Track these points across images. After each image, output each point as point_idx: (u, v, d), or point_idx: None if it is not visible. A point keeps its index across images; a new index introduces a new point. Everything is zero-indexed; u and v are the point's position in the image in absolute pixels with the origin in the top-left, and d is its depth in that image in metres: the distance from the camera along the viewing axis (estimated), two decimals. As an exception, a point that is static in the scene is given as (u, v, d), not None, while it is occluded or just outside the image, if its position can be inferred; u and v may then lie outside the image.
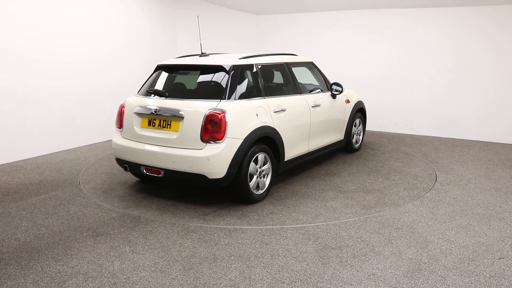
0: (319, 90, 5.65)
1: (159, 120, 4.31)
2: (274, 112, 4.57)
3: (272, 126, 4.47)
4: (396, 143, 7.33)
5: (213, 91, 4.32)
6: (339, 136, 5.98)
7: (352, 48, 8.58)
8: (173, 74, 4.77)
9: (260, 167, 4.42)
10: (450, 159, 6.26)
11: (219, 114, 4.01)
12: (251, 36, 9.74)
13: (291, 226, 3.86)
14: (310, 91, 5.57)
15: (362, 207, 4.29)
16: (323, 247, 3.45)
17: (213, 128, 4.00)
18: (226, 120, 4.01)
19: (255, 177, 4.36)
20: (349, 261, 3.22)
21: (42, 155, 6.32)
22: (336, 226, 3.86)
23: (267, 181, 4.55)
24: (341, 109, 5.95)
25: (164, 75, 4.75)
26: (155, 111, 4.29)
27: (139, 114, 4.46)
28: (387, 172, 5.47)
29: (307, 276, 3.01)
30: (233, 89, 4.28)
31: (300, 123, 5.00)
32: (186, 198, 4.59)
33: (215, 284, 2.92)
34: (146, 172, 4.35)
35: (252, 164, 4.28)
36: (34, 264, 3.18)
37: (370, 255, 3.32)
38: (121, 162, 4.62)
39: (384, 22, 8.16)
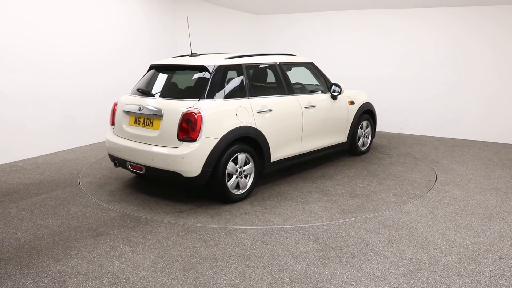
0: (319, 91, 5.60)
1: (143, 118, 4.46)
2: (258, 112, 4.56)
3: (254, 127, 4.47)
4: (396, 143, 7.33)
5: (194, 91, 4.40)
6: (340, 138, 5.87)
7: (352, 48, 8.58)
8: (162, 74, 4.86)
9: (240, 167, 4.43)
10: (450, 159, 6.26)
11: (195, 113, 4.07)
12: (251, 36, 9.74)
13: (291, 226, 3.86)
14: (311, 92, 5.54)
15: (340, 211, 4.21)
16: (323, 247, 3.45)
17: (188, 127, 4.07)
18: (202, 119, 4.07)
19: (234, 176, 4.39)
20: (349, 261, 3.23)
21: (42, 155, 6.33)
22: (336, 226, 3.86)
23: (249, 181, 4.56)
24: (343, 110, 5.83)
25: (154, 74, 4.88)
26: (139, 110, 4.45)
27: (127, 112, 4.64)
28: (385, 177, 5.33)
29: (307, 276, 3.01)
30: (213, 89, 4.32)
31: (290, 124, 4.94)
32: (171, 195, 4.66)
33: (215, 284, 2.92)
34: (131, 168, 4.52)
35: (230, 163, 4.31)
36: (34, 264, 3.18)
37: (370, 255, 3.32)
38: (111, 157, 4.81)
39: (384, 22, 8.16)
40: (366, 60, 8.45)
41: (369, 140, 6.50)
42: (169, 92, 4.63)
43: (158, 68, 4.90)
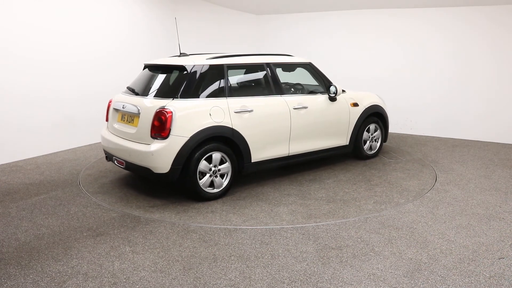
0: (319, 92, 5.50)
1: (127, 115, 4.68)
2: (235, 112, 4.57)
3: (230, 126, 4.50)
4: (396, 143, 7.33)
5: (171, 90, 4.53)
6: (340, 141, 5.68)
7: (352, 48, 8.58)
8: (150, 73, 4.98)
9: (215, 166, 4.47)
10: (450, 159, 6.26)
11: (166, 112, 4.20)
12: (251, 37, 9.74)
13: (291, 226, 3.86)
14: (310, 92, 5.48)
15: (306, 216, 4.09)
16: (323, 247, 3.45)
17: (159, 125, 4.22)
18: (172, 118, 4.19)
19: (207, 175, 4.44)
20: (349, 261, 3.23)
21: (42, 155, 6.33)
22: (336, 226, 3.86)
23: (226, 180, 4.59)
24: (343, 112, 5.63)
25: (145, 73, 5.04)
26: (122, 107, 4.69)
27: (116, 110, 4.88)
28: (377, 183, 5.08)
29: (307, 276, 3.01)
30: (188, 88, 4.42)
31: (275, 124, 4.88)
32: (154, 192, 4.79)
33: (215, 284, 2.92)
34: (116, 162, 4.72)
35: (203, 162, 4.38)
36: (34, 264, 3.18)
37: (370, 255, 3.32)
38: (104, 152, 5.09)
39: (385, 23, 8.16)
40: (366, 60, 8.44)
41: (378, 144, 6.24)
42: (151, 90, 4.74)
43: (149, 68, 5.06)
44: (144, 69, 5.14)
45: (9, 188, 4.89)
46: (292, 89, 5.68)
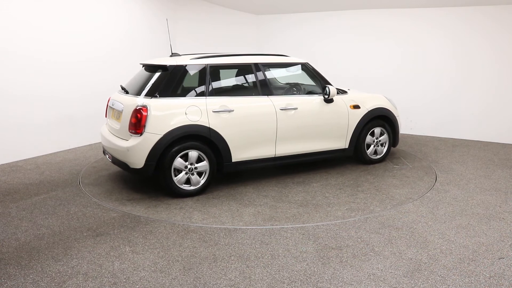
0: (317, 93, 5.36)
1: (116, 112, 4.89)
2: (214, 111, 4.60)
3: (207, 126, 4.54)
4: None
5: (152, 89, 4.63)
6: (338, 144, 5.48)
7: (352, 48, 8.58)
8: (142, 72, 5.15)
9: (191, 164, 4.55)
10: (450, 159, 6.25)
11: (142, 110, 4.38)
12: (250, 37, 9.73)
13: (291, 226, 3.86)
14: (309, 93, 5.40)
15: (266, 218, 4.04)
16: (323, 247, 3.45)
17: (136, 122, 4.41)
18: (147, 116, 4.37)
19: (183, 172, 4.54)
20: (349, 261, 3.23)
21: (42, 155, 6.33)
22: (336, 226, 3.86)
23: (203, 178, 4.65)
24: (341, 114, 5.42)
25: (139, 73, 5.25)
26: (112, 105, 4.99)
27: (110, 107, 5.15)
28: (364, 189, 4.85)
29: (307, 276, 3.01)
30: (167, 87, 4.57)
31: (257, 125, 4.85)
32: (142, 186, 4.95)
33: (215, 284, 2.92)
34: (107, 157, 4.98)
35: (178, 159, 4.49)
36: (34, 264, 3.18)
37: (370, 255, 3.32)
38: (102, 146, 5.27)
39: (385, 23, 8.16)
40: (366, 60, 8.44)
41: (384, 149, 5.93)
42: (136, 89, 4.82)
43: (144, 67, 5.21)
44: (142, 67, 5.28)
45: (9, 188, 4.89)
46: (294, 89, 5.65)
